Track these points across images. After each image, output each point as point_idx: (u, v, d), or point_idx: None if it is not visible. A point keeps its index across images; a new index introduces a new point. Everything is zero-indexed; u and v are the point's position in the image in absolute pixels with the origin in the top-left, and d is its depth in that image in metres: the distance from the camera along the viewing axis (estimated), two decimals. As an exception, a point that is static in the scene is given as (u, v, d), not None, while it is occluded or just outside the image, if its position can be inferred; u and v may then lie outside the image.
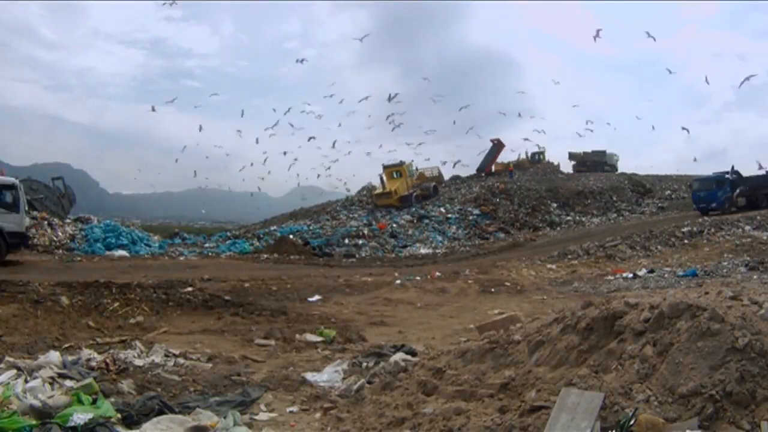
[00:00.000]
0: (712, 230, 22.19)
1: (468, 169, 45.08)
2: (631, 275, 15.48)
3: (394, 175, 36.68)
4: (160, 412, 4.74)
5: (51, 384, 5.20)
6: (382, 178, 36.64)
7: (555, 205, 35.16)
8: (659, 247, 20.82)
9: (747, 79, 27.18)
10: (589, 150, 49.32)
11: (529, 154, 47.66)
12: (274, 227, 32.82)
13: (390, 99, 30.67)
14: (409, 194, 35.57)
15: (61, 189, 27.52)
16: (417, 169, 39.81)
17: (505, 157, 45.83)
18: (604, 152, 49.28)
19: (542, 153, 47.83)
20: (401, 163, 37.70)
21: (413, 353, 6.80)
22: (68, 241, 23.28)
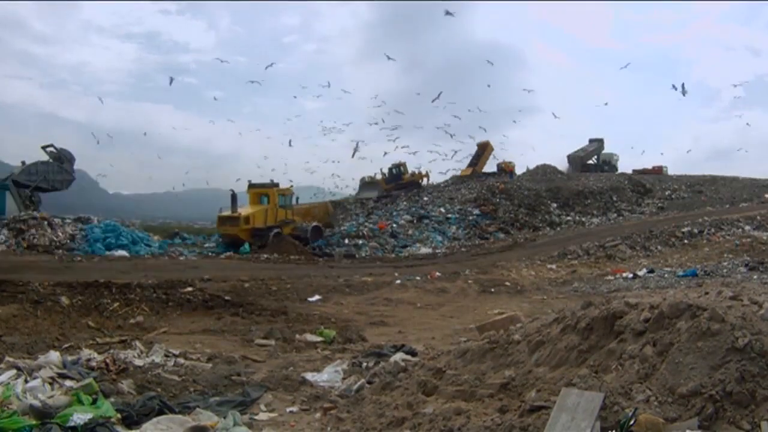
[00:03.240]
0: (712, 230, 22.22)
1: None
2: (631, 275, 15.49)
3: (263, 200, 26.95)
4: (160, 412, 4.74)
5: (51, 384, 5.20)
6: (233, 198, 26.21)
7: (555, 205, 35.14)
8: (659, 247, 20.84)
9: (681, 88, 27.49)
10: (586, 142, 48.18)
11: (386, 171, 39.50)
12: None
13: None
14: (266, 229, 25.58)
15: (55, 151, 27.59)
16: (296, 198, 28.77)
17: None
18: (601, 141, 48.31)
19: (403, 165, 39.89)
20: (273, 185, 27.71)
21: (413, 353, 6.81)
22: (68, 241, 23.29)
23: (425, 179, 40.53)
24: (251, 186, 27.73)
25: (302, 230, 27.29)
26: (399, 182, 39.32)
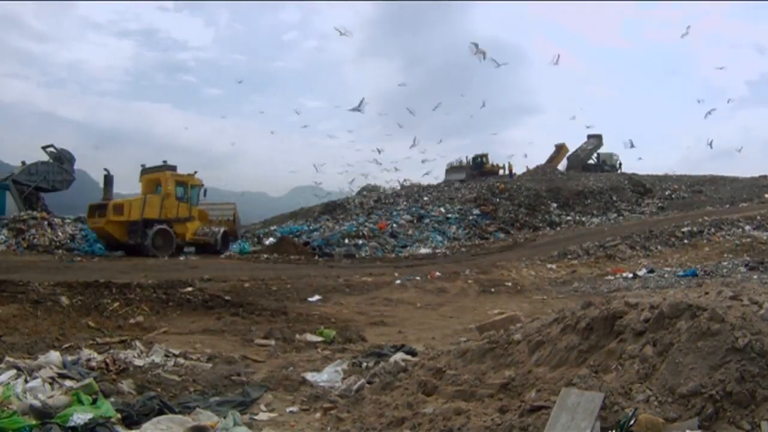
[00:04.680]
0: (712, 230, 22.23)
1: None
2: (631, 275, 15.49)
3: (159, 190, 21.60)
4: (160, 412, 4.74)
5: (51, 384, 5.20)
6: (107, 180, 21.72)
7: (555, 205, 35.19)
8: (659, 247, 20.85)
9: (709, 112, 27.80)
10: (584, 140, 48.89)
11: (470, 159, 45.15)
12: (274, 227, 32.83)
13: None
14: (146, 223, 20.44)
15: (56, 151, 27.74)
16: (204, 191, 22.77)
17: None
18: (600, 137, 48.80)
19: (485, 156, 45.42)
20: (167, 167, 21.93)
21: (413, 353, 6.80)
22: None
23: (501, 171, 43.86)
24: (144, 171, 22.03)
25: (211, 234, 22.29)
26: (481, 170, 43.22)
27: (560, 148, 47.88)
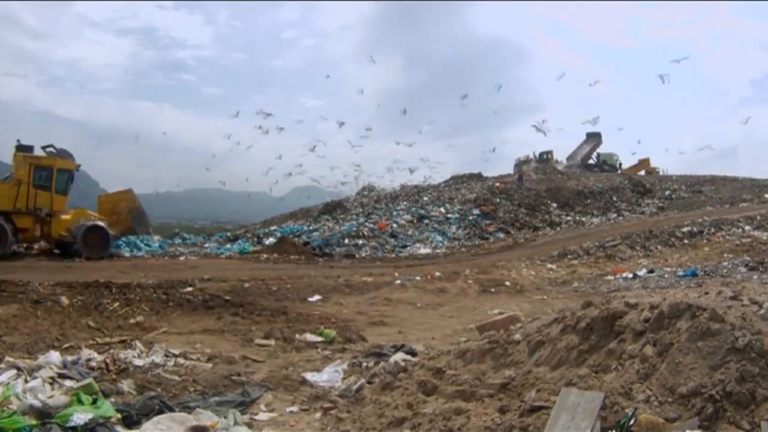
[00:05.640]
0: (712, 230, 22.24)
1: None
2: (631, 275, 15.48)
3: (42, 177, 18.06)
4: (160, 412, 4.75)
5: (51, 384, 5.21)
6: None
7: (555, 205, 35.17)
8: (659, 247, 20.84)
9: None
10: (583, 139, 49.22)
11: (537, 154, 47.62)
12: (274, 227, 32.80)
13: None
14: None
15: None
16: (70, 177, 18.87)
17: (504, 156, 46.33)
18: (599, 135, 49.02)
19: (550, 152, 47.49)
20: (23, 148, 18.62)
21: (413, 353, 6.81)
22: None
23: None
24: (20, 148, 18.68)
25: (74, 232, 17.68)
26: (545, 165, 44.93)
27: (644, 162, 48.37)
